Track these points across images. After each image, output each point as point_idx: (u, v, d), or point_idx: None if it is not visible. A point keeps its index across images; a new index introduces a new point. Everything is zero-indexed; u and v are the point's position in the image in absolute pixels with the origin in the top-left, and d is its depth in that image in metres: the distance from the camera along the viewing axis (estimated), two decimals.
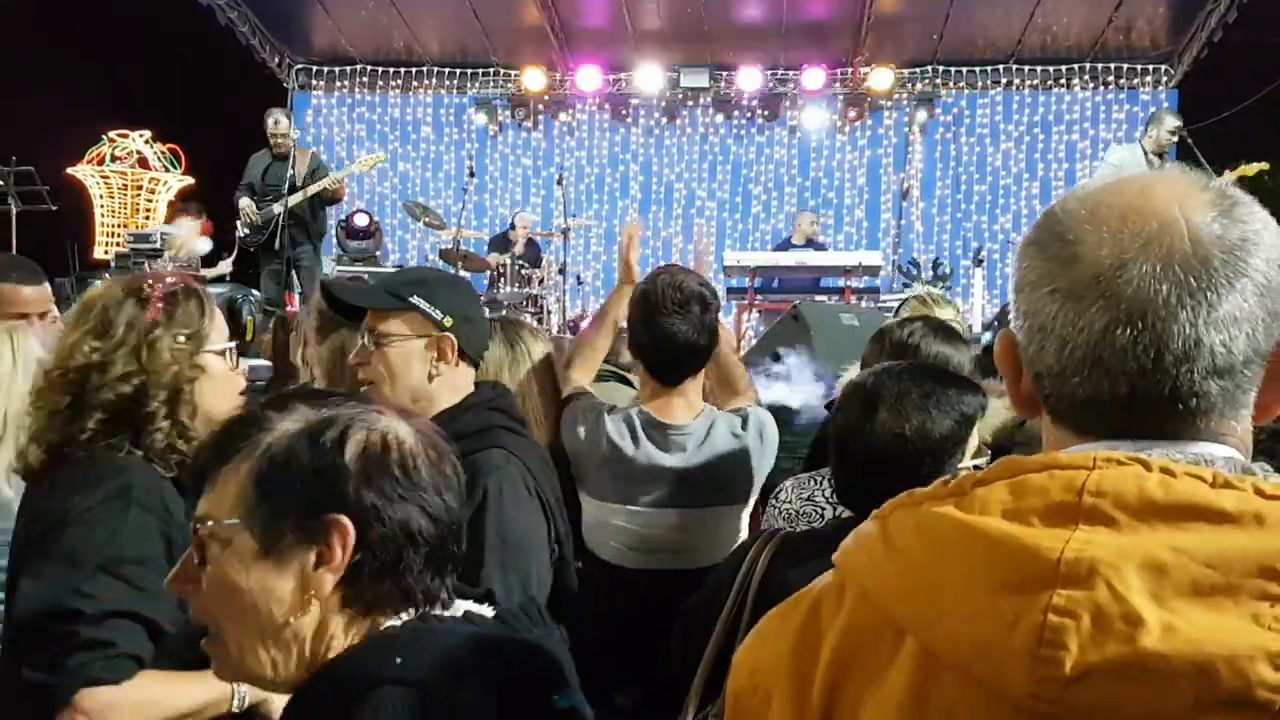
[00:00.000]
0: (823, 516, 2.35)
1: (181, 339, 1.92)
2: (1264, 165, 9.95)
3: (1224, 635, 0.70)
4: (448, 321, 2.15)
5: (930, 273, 10.31)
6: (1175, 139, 7.99)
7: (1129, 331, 0.82)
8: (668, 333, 2.61)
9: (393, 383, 2.16)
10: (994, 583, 0.76)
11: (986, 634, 0.75)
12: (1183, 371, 0.82)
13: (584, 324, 4.14)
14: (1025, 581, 0.75)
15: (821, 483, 2.44)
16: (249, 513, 1.16)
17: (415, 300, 2.15)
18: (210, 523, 1.18)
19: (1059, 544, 0.75)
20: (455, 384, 2.20)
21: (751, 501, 2.80)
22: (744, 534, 2.75)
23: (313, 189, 8.85)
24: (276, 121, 8.96)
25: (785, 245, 10.41)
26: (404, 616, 1.19)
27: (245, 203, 8.81)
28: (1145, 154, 7.98)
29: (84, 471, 1.82)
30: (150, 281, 1.99)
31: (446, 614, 1.22)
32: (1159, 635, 0.70)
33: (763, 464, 2.76)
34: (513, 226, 10.45)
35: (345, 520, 1.14)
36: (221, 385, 1.99)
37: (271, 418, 1.20)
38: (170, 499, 1.83)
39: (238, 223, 8.91)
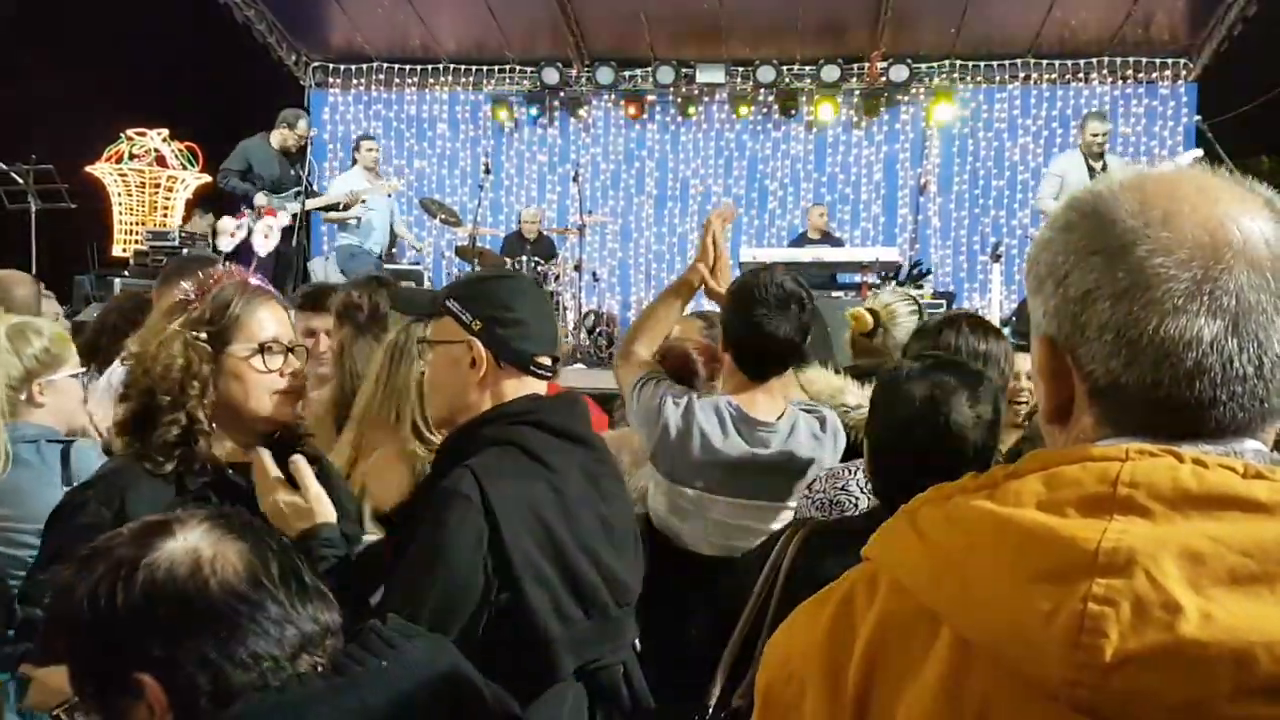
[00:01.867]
0: (857, 506, 2.36)
1: (202, 336, 1.94)
2: (1197, 152, 9.97)
3: (1262, 623, 0.70)
4: (476, 325, 2.00)
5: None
6: (1100, 140, 8.05)
7: (1236, 341, 0.83)
8: (767, 329, 2.68)
9: (435, 392, 2.12)
10: (1030, 572, 0.77)
11: (1024, 622, 0.76)
12: (1277, 375, 0.85)
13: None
14: (1063, 571, 0.75)
15: (855, 473, 2.45)
16: (78, 691, 1.19)
17: (450, 304, 2.03)
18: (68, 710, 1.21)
19: (1096, 534, 0.76)
20: (499, 392, 2.01)
21: None
22: None
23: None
24: (300, 121, 9.05)
25: (801, 241, 10.41)
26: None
27: (264, 200, 8.71)
28: (1085, 159, 8.06)
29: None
30: (195, 278, 2.02)
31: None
32: (1198, 623, 0.71)
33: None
34: (520, 223, 10.52)
35: (146, 680, 1.14)
36: (250, 386, 1.97)
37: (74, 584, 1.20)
38: (135, 500, 1.87)
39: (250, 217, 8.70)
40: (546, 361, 2.04)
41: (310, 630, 1.21)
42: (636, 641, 2.11)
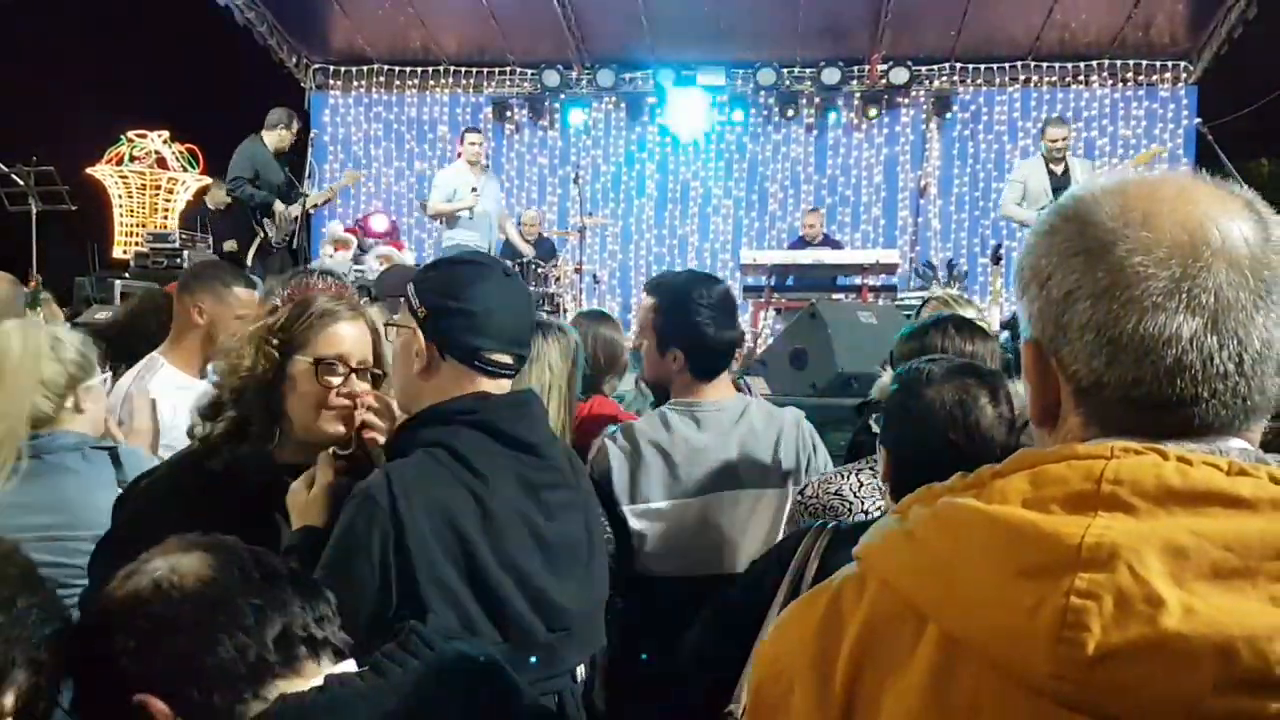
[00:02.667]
0: (850, 510, 2.36)
1: (274, 341, 1.94)
2: (1162, 150, 9.98)
3: (1243, 616, 0.71)
4: (421, 313, 1.86)
5: (946, 273, 10.29)
6: (1058, 145, 8.11)
7: (1215, 338, 0.84)
8: (716, 333, 2.69)
9: (394, 380, 1.99)
10: (1015, 568, 0.78)
11: (1009, 618, 0.77)
12: (1259, 372, 0.85)
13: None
14: (1047, 566, 0.76)
15: (849, 477, 2.45)
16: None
17: (409, 287, 1.91)
18: None
19: (1080, 530, 0.76)
20: (442, 387, 1.86)
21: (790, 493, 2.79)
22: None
23: (320, 197, 8.94)
24: (294, 121, 8.79)
25: (801, 244, 10.42)
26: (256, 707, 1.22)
27: (283, 207, 8.49)
28: (1046, 164, 8.13)
29: None
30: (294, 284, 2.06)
31: (296, 690, 1.24)
32: (1180, 616, 0.71)
33: (802, 452, 2.78)
34: (520, 225, 10.53)
35: (145, 699, 1.19)
36: (301, 397, 1.94)
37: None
38: (168, 497, 1.93)
39: (269, 225, 8.48)
40: (501, 359, 1.87)
41: (297, 619, 1.26)
42: (580, 670, 1.94)
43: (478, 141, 9.11)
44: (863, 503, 2.37)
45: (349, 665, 1.29)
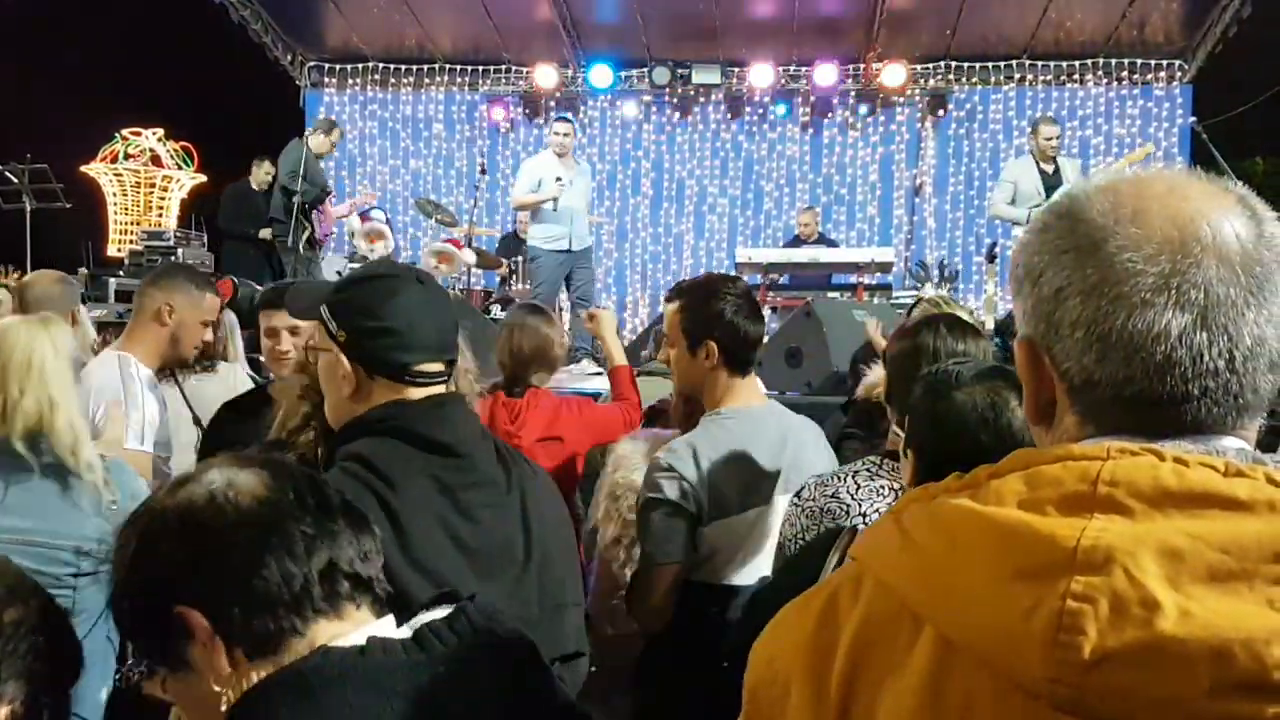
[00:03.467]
0: (848, 513, 2.35)
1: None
2: (1151, 147, 9.99)
3: (1240, 619, 0.70)
4: (341, 336, 1.85)
5: (937, 273, 10.29)
6: (1053, 144, 8.12)
7: (1205, 334, 0.84)
8: (747, 321, 2.74)
9: (325, 399, 1.96)
10: (1010, 570, 0.77)
11: (1004, 620, 0.76)
12: (1250, 369, 0.85)
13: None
14: (1042, 569, 0.76)
15: (846, 479, 2.44)
16: (137, 650, 1.23)
17: (322, 309, 1.89)
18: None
19: (1075, 532, 0.76)
20: (374, 404, 1.86)
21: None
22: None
23: (344, 209, 9.59)
24: (335, 130, 9.34)
25: (796, 242, 10.42)
26: (290, 657, 1.19)
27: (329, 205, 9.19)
28: (1036, 163, 8.11)
29: None
30: None
31: (339, 645, 1.20)
32: (1176, 620, 0.71)
33: (831, 458, 2.81)
34: (518, 222, 10.49)
35: (185, 611, 1.16)
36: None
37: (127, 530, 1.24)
38: None
39: (316, 220, 8.95)
40: (430, 368, 1.86)
41: (344, 553, 1.23)
42: None
43: (565, 131, 8.55)
44: (860, 505, 2.36)
45: (388, 624, 1.26)
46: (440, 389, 1.89)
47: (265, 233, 9.08)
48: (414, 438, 1.82)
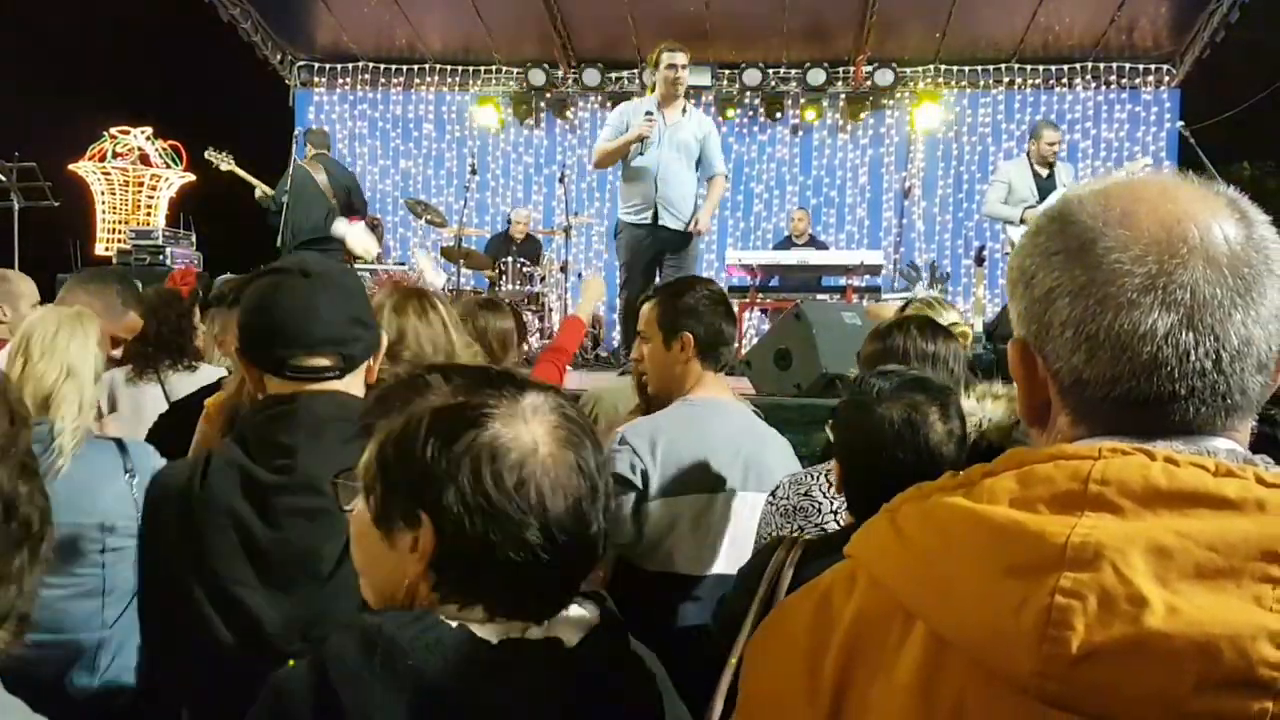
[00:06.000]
0: (819, 511, 2.37)
1: None
2: (1147, 161, 10.06)
3: (1227, 616, 0.71)
4: (234, 336, 1.87)
5: (928, 275, 10.33)
6: (1055, 149, 8.12)
7: (1192, 334, 0.85)
8: (720, 318, 2.79)
9: None
10: (1001, 567, 0.78)
11: (994, 616, 0.77)
12: (1237, 370, 0.86)
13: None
14: (1032, 565, 0.76)
15: (818, 478, 2.46)
16: (370, 484, 1.19)
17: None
18: (348, 479, 1.23)
19: (1065, 529, 0.77)
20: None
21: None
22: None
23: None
24: None
25: (785, 244, 10.44)
26: (484, 614, 1.15)
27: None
28: (1031, 166, 8.12)
29: None
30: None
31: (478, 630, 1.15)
32: (1163, 616, 0.72)
33: (791, 461, 2.83)
34: (510, 223, 10.49)
35: (428, 520, 1.14)
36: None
37: (428, 386, 1.19)
38: None
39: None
40: (315, 362, 1.80)
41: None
42: None
43: (681, 62, 6.61)
44: (831, 503, 2.38)
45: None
46: (334, 384, 1.83)
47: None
48: (243, 436, 1.78)
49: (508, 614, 1.15)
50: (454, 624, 1.12)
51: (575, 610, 1.21)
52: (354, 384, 1.86)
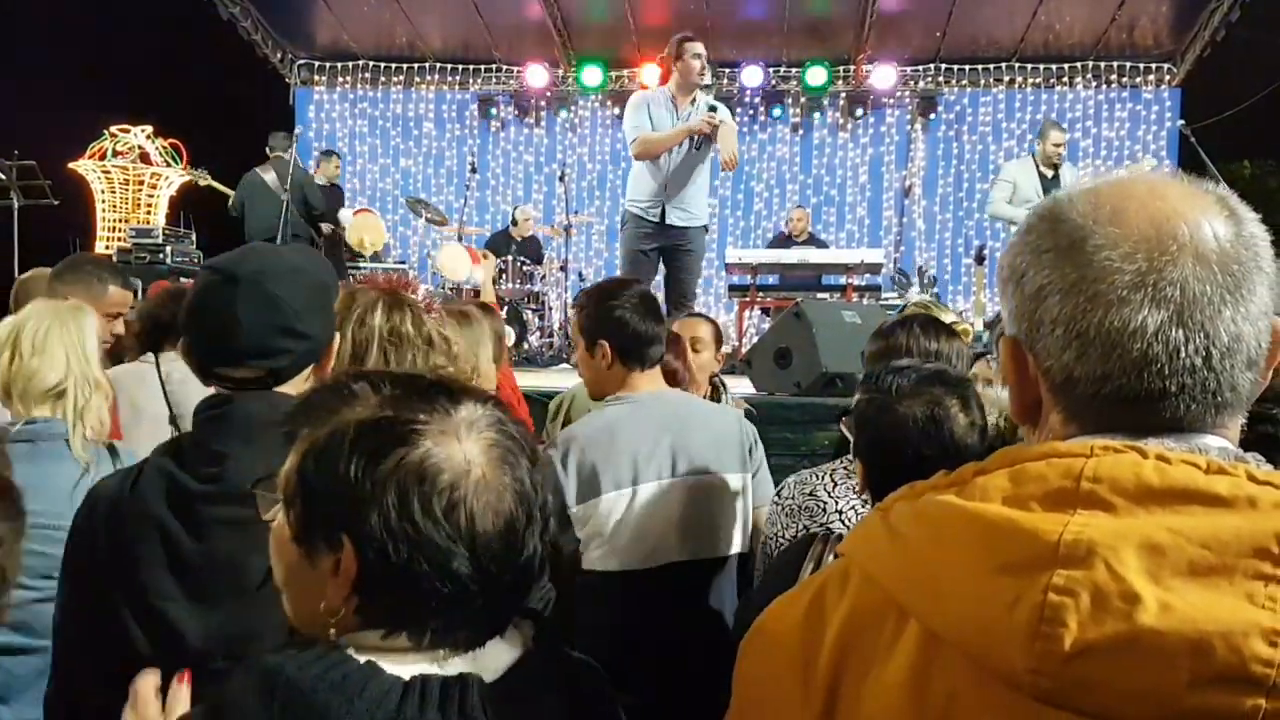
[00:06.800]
0: (824, 510, 2.37)
1: None
2: (1153, 162, 10.06)
3: (1219, 613, 0.71)
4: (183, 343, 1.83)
5: (918, 280, 10.32)
6: (1060, 150, 8.11)
7: (1181, 331, 0.85)
8: (639, 322, 2.76)
9: None
10: (994, 565, 0.78)
11: (987, 614, 0.77)
12: (1227, 366, 0.86)
13: None
14: (1025, 563, 0.77)
15: (824, 477, 2.46)
16: (290, 498, 1.12)
17: None
18: (268, 488, 1.15)
19: (1058, 527, 0.77)
20: None
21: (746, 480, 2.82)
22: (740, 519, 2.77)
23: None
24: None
25: (785, 243, 10.44)
26: (409, 643, 1.09)
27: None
28: (1037, 166, 8.10)
29: None
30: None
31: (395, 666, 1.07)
32: (1156, 613, 0.72)
33: (744, 442, 2.83)
34: (514, 222, 10.48)
35: (350, 544, 1.06)
36: None
37: (354, 395, 1.11)
38: None
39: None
40: (233, 375, 1.71)
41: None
42: None
43: (696, 53, 6.62)
44: (836, 502, 2.39)
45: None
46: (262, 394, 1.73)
47: (327, 227, 9.59)
48: (181, 439, 1.71)
49: (434, 644, 1.09)
50: (363, 659, 1.05)
51: (508, 635, 1.15)
52: (298, 386, 1.76)
